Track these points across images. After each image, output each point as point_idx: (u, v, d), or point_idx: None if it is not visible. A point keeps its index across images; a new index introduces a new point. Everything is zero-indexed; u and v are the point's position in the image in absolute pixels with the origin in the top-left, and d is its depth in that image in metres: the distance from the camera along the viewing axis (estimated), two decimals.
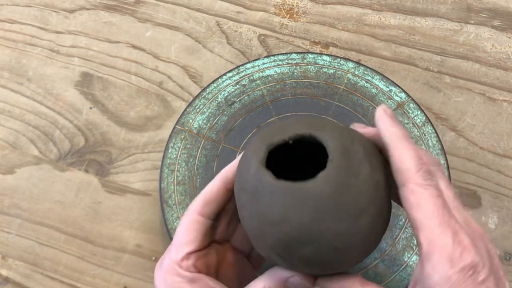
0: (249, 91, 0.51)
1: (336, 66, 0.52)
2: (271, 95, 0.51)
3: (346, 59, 0.52)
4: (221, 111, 0.50)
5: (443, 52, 0.56)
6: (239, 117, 0.50)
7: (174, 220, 0.44)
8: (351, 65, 0.52)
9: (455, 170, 0.48)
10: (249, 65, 0.52)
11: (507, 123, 0.51)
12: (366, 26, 0.58)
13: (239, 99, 0.50)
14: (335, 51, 0.56)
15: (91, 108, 0.53)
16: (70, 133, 0.51)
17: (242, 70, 0.52)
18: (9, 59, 0.56)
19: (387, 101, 0.50)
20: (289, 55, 0.53)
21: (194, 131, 0.49)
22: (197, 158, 0.47)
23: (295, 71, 0.52)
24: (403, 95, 0.50)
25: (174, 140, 0.48)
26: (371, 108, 0.50)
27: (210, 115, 0.50)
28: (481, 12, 0.58)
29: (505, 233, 0.46)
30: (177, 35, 0.58)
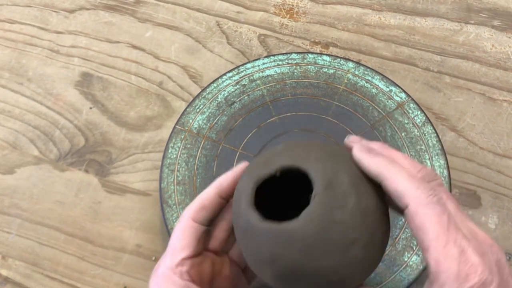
0: (249, 91, 0.51)
1: (336, 66, 0.52)
2: (271, 95, 0.51)
3: (346, 59, 0.52)
4: (221, 111, 0.50)
5: (443, 52, 0.56)
6: (239, 117, 0.50)
7: (174, 220, 0.44)
8: (351, 65, 0.52)
9: (455, 170, 0.48)
10: (249, 65, 0.52)
11: (507, 123, 0.51)
12: (366, 26, 0.58)
13: (239, 99, 0.50)
14: (335, 51, 0.56)
15: (91, 108, 0.53)
16: (70, 133, 0.51)
17: (242, 70, 0.52)
18: (9, 59, 0.56)
19: (387, 101, 0.50)
20: (289, 55, 0.53)
21: (194, 131, 0.49)
22: (197, 158, 0.47)
23: (295, 71, 0.52)
24: (403, 95, 0.50)
25: (174, 140, 0.48)
26: (371, 108, 0.50)
27: (210, 115, 0.50)
28: (481, 12, 0.58)
29: (505, 233, 0.46)
30: (177, 35, 0.58)
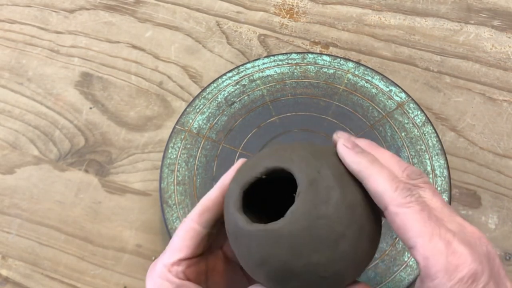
0: (249, 91, 0.51)
1: (336, 66, 0.52)
2: (271, 95, 0.51)
3: (346, 59, 0.52)
4: (221, 111, 0.50)
5: (443, 52, 0.56)
6: (239, 117, 0.50)
7: (174, 220, 0.44)
8: (351, 65, 0.52)
9: (455, 170, 0.48)
10: (249, 65, 0.52)
11: (507, 123, 0.51)
12: (366, 26, 0.58)
13: (239, 99, 0.50)
14: (335, 51, 0.56)
15: (91, 108, 0.53)
16: (70, 133, 0.51)
17: (242, 70, 0.52)
18: (9, 59, 0.56)
19: (387, 101, 0.50)
20: (289, 55, 0.53)
21: (194, 131, 0.49)
22: (197, 158, 0.47)
23: (295, 71, 0.52)
24: (403, 95, 0.50)
25: (174, 140, 0.48)
26: (371, 108, 0.50)
27: (210, 115, 0.50)
28: (481, 12, 0.58)
29: (505, 233, 0.46)
30: (177, 35, 0.58)
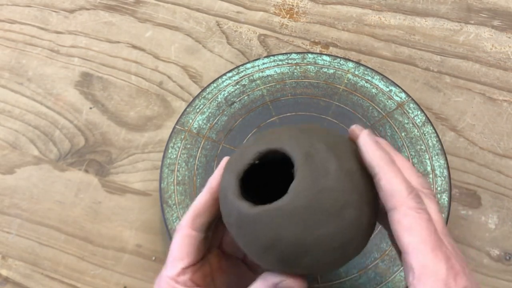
0: (249, 91, 0.51)
1: (336, 66, 0.52)
2: (271, 95, 0.51)
3: (346, 59, 0.52)
4: (221, 111, 0.50)
5: (443, 52, 0.56)
6: (239, 117, 0.50)
7: (174, 220, 0.44)
8: (351, 65, 0.52)
9: (455, 170, 0.48)
10: (249, 65, 0.52)
11: (507, 123, 0.51)
12: (366, 26, 0.58)
13: (239, 99, 0.50)
14: (335, 51, 0.56)
15: (91, 108, 0.53)
16: (70, 133, 0.51)
17: (242, 70, 0.52)
18: (9, 59, 0.56)
19: (387, 101, 0.50)
20: (289, 55, 0.53)
21: (194, 131, 0.49)
22: (197, 158, 0.47)
23: (295, 71, 0.52)
24: (403, 95, 0.50)
25: (174, 140, 0.48)
26: (371, 108, 0.50)
27: (210, 115, 0.50)
28: (481, 12, 0.58)
29: (505, 233, 0.46)
30: (177, 35, 0.58)
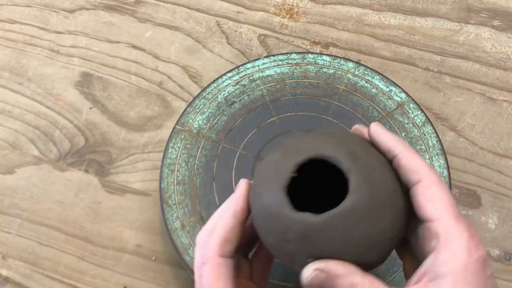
0: (249, 91, 0.51)
1: (336, 66, 0.52)
2: (271, 95, 0.51)
3: (346, 59, 0.52)
4: (221, 111, 0.50)
5: (443, 52, 0.56)
6: (239, 117, 0.50)
7: (174, 220, 0.44)
8: (351, 65, 0.52)
9: (455, 170, 0.48)
10: (249, 65, 0.52)
11: (507, 123, 0.51)
12: (366, 26, 0.58)
13: (239, 99, 0.50)
14: (335, 51, 0.56)
15: (91, 108, 0.53)
16: (70, 133, 0.51)
17: (242, 70, 0.52)
18: (9, 59, 0.56)
19: (387, 101, 0.50)
20: (289, 55, 0.53)
21: (194, 131, 0.49)
22: (197, 158, 0.47)
23: (295, 71, 0.52)
24: (403, 95, 0.50)
25: (174, 140, 0.48)
26: (371, 108, 0.50)
27: (210, 115, 0.50)
28: (481, 12, 0.58)
29: (505, 233, 0.46)
30: (177, 35, 0.58)
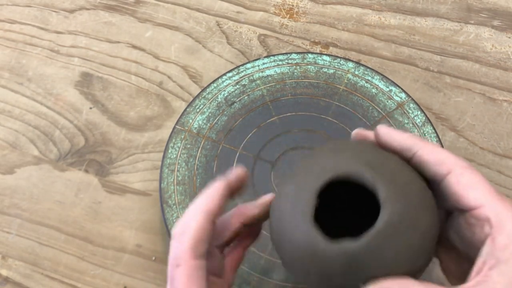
0: (249, 91, 0.51)
1: (336, 66, 0.52)
2: (271, 95, 0.51)
3: (346, 59, 0.52)
4: (221, 111, 0.50)
5: (443, 52, 0.56)
6: (239, 117, 0.50)
7: (174, 220, 0.44)
8: (351, 65, 0.52)
9: None
10: (249, 65, 0.52)
11: (507, 123, 0.51)
12: (366, 26, 0.58)
13: (239, 99, 0.50)
14: (335, 51, 0.56)
15: (91, 108, 0.53)
16: (70, 133, 0.51)
17: (242, 70, 0.52)
18: (9, 59, 0.56)
19: (387, 101, 0.50)
20: (289, 55, 0.53)
21: (194, 131, 0.49)
22: (197, 158, 0.47)
23: (295, 71, 0.52)
24: (403, 95, 0.50)
25: (174, 140, 0.48)
26: (371, 108, 0.50)
27: (210, 115, 0.50)
28: (481, 12, 0.58)
29: None
30: (177, 35, 0.58)
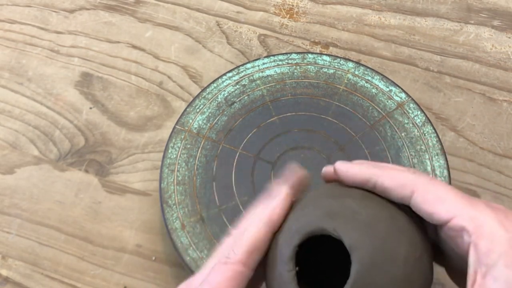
0: (249, 91, 0.51)
1: (336, 66, 0.52)
2: (271, 95, 0.51)
3: (346, 59, 0.52)
4: (221, 111, 0.50)
5: (443, 52, 0.56)
6: (239, 117, 0.50)
7: (174, 220, 0.44)
8: (351, 65, 0.52)
9: (455, 170, 0.48)
10: (249, 65, 0.52)
11: (507, 123, 0.51)
12: (366, 26, 0.58)
13: (239, 99, 0.50)
14: (335, 51, 0.56)
15: (91, 108, 0.53)
16: (70, 133, 0.51)
17: (242, 70, 0.52)
18: (9, 59, 0.56)
19: (387, 101, 0.50)
20: (289, 55, 0.53)
21: (194, 131, 0.49)
22: (197, 158, 0.47)
23: (295, 71, 0.52)
24: (403, 95, 0.50)
25: (174, 140, 0.48)
26: (371, 108, 0.50)
27: (210, 115, 0.50)
28: (481, 12, 0.58)
29: None
30: (177, 35, 0.58)
